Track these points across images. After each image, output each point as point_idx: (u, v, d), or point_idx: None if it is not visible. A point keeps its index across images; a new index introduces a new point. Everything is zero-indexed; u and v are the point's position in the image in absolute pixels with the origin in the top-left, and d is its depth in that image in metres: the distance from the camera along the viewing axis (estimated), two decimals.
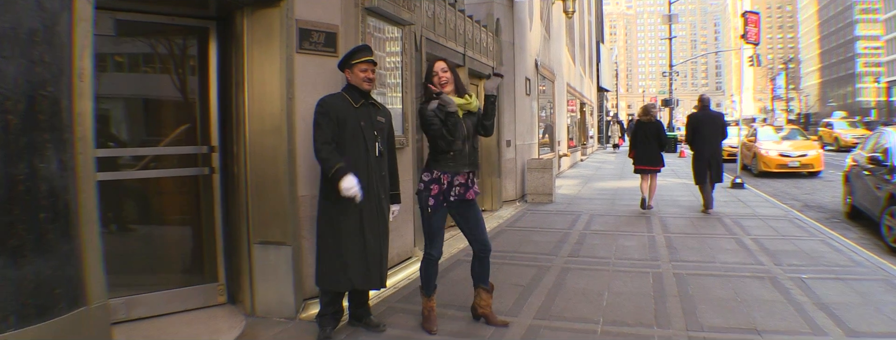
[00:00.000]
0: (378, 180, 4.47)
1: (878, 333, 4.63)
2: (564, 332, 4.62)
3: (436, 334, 4.57)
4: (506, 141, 11.73)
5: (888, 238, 8.54)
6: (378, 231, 4.49)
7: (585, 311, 5.10)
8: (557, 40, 19.01)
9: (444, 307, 5.27)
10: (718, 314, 5.02)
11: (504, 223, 9.70)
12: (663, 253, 7.42)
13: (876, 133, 11.24)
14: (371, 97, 4.57)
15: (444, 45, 8.37)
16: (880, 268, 6.68)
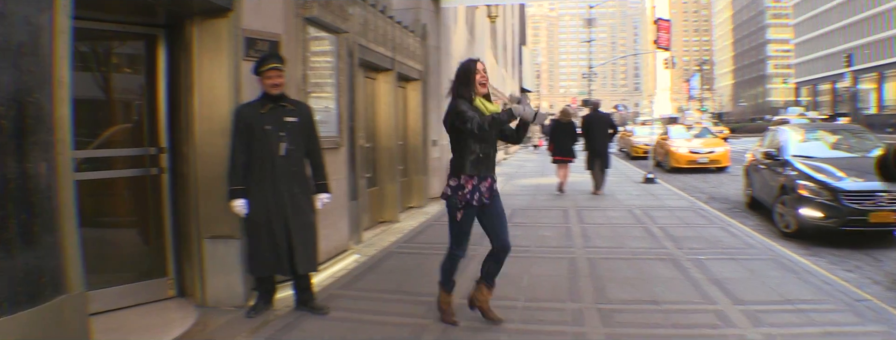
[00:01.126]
0: (287, 177, 4.98)
1: (760, 300, 5.40)
2: None
3: (459, 325, 4.79)
4: (432, 140, 12.27)
5: (780, 224, 9.55)
6: (290, 223, 4.98)
7: (508, 291, 5.71)
8: (481, 43, 19.68)
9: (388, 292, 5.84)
10: (624, 290, 5.71)
11: (431, 218, 10.26)
12: (578, 241, 8.12)
13: (771, 130, 12.30)
14: (284, 99, 5.03)
15: (375, 49, 8.85)
16: (770, 250, 7.55)
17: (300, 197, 5.06)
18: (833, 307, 5.26)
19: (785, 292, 5.69)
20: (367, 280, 6.33)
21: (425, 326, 4.82)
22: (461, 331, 4.73)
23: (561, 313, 5.13)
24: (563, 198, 12.85)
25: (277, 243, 4.96)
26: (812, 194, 8.82)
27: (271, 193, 4.92)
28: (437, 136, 12.54)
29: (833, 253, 8.05)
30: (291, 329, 4.82)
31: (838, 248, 8.24)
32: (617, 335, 4.58)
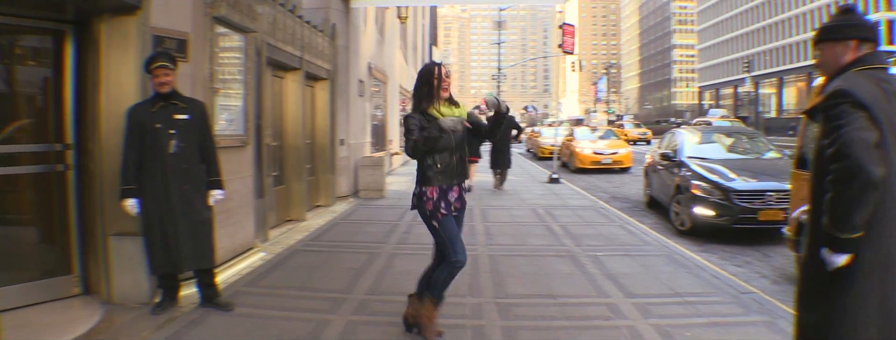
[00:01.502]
0: (177, 174, 5.02)
1: (652, 294, 5.80)
2: (391, 304, 5.41)
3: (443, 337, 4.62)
4: (339, 140, 12.37)
5: (675, 222, 10.15)
6: (178, 221, 5.03)
7: (410, 287, 5.81)
8: (391, 43, 19.81)
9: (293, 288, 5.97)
10: (523, 285, 6.01)
11: (338, 217, 10.37)
12: (482, 239, 8.40)
13: (669, 133, 12.97)
14: (176, 97, 5.06)
15: (283, 49, 8.90)
16: (665, 246, 8.02)
17: (191, 195, 5.11)
18: (720, 299, 5.71)
19: (675, 286, 6.09)
20: (273, 277, 6.42)
21: (329, 321, 4.97)
22: (363, 325, 4.89)
23: (461, 307, 5.37)
24: (470, 197, 13.11)
25: (169, 241, 5.02)
26: (705, 193, 9.38)
27: (162, 191, 4.97)
28: (346, 135, 12.65)
29: (724, 249, 8.61)
30: (196, 325, 4.88)
31: (730, 245, 8.81)
32: (513, 327, 4.84)
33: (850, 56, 2.77)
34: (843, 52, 2.78)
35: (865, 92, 2.55)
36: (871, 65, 2.73)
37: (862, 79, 2.64)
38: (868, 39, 2.78)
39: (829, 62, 2.84)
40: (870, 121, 2.48)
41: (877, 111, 2.51)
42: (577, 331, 4.65)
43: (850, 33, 2.78)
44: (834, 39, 2.81)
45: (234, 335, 4.68)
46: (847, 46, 2.77)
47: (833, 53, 2.81)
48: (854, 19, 2.83)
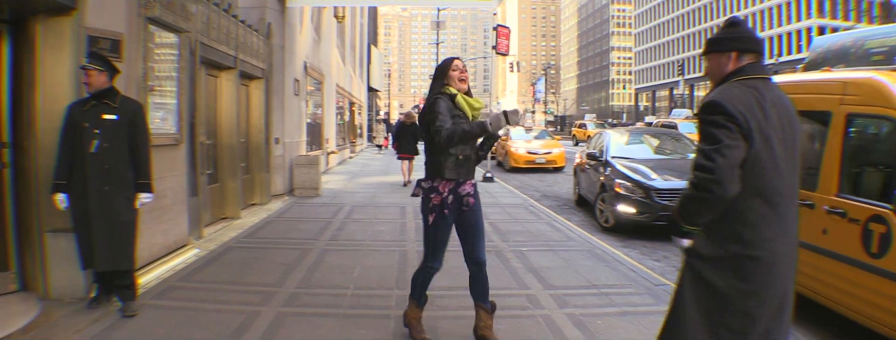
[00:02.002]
0: (98, 174, 5.04)
1: (570, 286, 6.17)
2: (321, 296, 5.65)
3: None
4: (275, 138, 12.48)
5: (600, 219, 10.62)
6: (98, 220, 5.06)
7: (339, 280, 6.17)
8: (327, 42, 19.90)
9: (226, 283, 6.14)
10: (448, 278, 6.26)
11: (273, 214, 10.51)
12: (412, 235, 8.67)
13: (597, 134, 13.46)
14: (108, 97, 5.09)
15: (217, 48, 9.01)
16: (588, 242, 8.42)
17: (112, 196, 5.08)
18: (634, 290, 6.11)
19: (593, 278, 6.47)
20: (206, 272, 6.56)
21: (259, 313, 5.17)
22: (291, 317, 5.10)
23: (387, 298, 5.64)
24: (404, 195, 13.40)
25: (89, 239, 5.07)
26: (627, 192, 9.82)
27: (82, 190, 5.03)
28: (281, 134, 12.76)
29: (645, 244, 9.06)
30: (131, 318, 5.02)
31: (650, 241, 9.26)
32: (435, 317, 5.12)
33: (731, 66, 3.03)
34: (726, 63, 3.04)
35: (737, 102, 2.81)
36: (751, 76, 2.98)
37: (736, 90, 2.89)
38: (749, 51, 3.03)
39: (715, 71, 3.11)
40: (738, 131, 2.75)
41: (746, 120, 2.77)
42: (496, 320, 4.93)
43: (731, 45, 3.04)
44: (718, 51, 3.08)
45: (167, 327, 4.84)
46: (729, 57, 3.03)
47: (718, 64, 3.08)
48: (737, 32, 3.08)
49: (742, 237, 2.82)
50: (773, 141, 2.81)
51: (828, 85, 5.77)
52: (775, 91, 2.97)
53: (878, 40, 6.19)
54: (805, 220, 5.43)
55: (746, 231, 2.81)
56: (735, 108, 2.76)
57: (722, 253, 2.84)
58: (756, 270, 2.81)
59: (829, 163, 5.37)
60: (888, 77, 5.13)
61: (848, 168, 5.30)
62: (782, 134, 2.86)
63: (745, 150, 2.75)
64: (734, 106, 2.78)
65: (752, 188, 2.79)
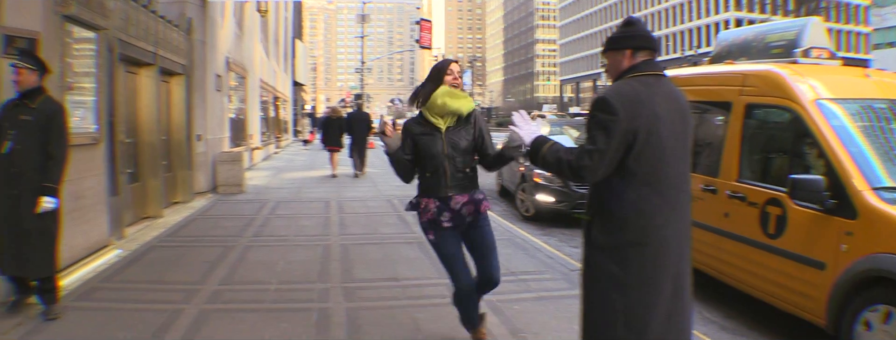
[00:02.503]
0: (6, 177, 4.87)
1: None
2: (244, 292, 5.73)
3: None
4: (197, 135, 12.36)
5: (521, 209, 10.96)
6: (4, 225, 4.90)
7: (263, 276, 6.25)
8: (250, 37, 19.71)
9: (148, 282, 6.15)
10: (370, 270, 6.46)
11: (196, 212, 10.45)
12: (335, 229, 8.80)
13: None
14: (29, 97, 4.95)
15: (136, 45, 8.90)
16: (508, 231, 8.73)
17: (19, 201, 4.87)
18: (551, 276, 6.40)
19: (512, 266, 6.70)
20: (128, 272, 6.54)
21: (182, 311, 5.21)
22: (214, 313, 5.18)
23: (310, 292, 5.75)
24: (329, 190, 13.49)
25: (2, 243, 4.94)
26: (546, 181, 10.14)
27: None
28: (203, 131, 12.65)
29: (564, 232, 9.39)
30: (52, 321, 4.98)
31: (569, 229, 9.59)
32: (357, 308, 5.27)
33: (626, 63, 3.19)
34: (621, 60, 3.20)
35: (625, 99, 2.98)
36: (645, 72, 3.15)
37: (628, 87, 3.07)
38: (643, 48, 3.18)
39: (612, 68, 3.28)
40: (620, 129, 2.91)
41: (631, 115, 2.93)
42: (415, 309, 5.12)
43: (626, 43, 3.19)
44: (614, 49, 3.24)
45: (90, 328, 4.85)
46: (624, 55, 3.18)
47: (614, 61, 3.24)
48: (632, 31, 3.24)
49: (634, 225, 3.00)
50: (663, 133, 2.99)
51: (729, 77, 6.16)
52: (668, 86, 3.16)
53: (777, 35, 6.60)
54: (708, 204, 5.83)
55: (638, 219, 2.99)
56: (621, 105, 2.93)
57: (616, 241, 3.02)
58: (648, 256, 3.00)
59: (730, 151, 5.75)
60: (785, 69, 5.52)
61: (747, 155, 5.68)
62: (672, 126, 3.04)
63: (626, 147, 2.92)
64: (621, 102, 2.94)
65: (643, 178, 2.97)
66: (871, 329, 4.10)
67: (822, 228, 4.59)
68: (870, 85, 5.56)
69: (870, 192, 4.35)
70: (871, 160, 4.68)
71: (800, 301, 4.80)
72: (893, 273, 3.95)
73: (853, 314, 4.23)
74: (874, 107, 5.27)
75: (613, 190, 3.02)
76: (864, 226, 4.28)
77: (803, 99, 5.07)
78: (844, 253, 4.36)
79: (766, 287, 5.20)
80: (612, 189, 3.02)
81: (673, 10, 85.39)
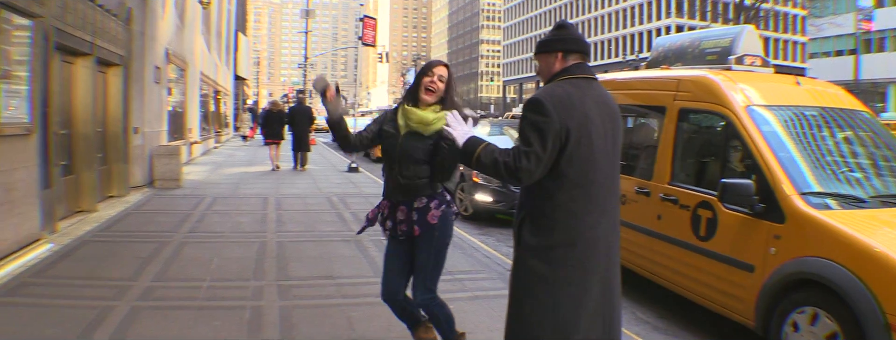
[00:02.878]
0: None
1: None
2: (176, 289, 5.68)
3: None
4: (134, 128, 12.15)
5: (459, 208, 10.87)
6: None
7: (196, 273, 6.20)
8: (192, 29, 19.41)
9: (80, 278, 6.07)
10: (305, 268, 6.47)
11: (131, 207, 10.28)
12: (272, 226, 8.77)
13: None
14: None
15: (74, 34, 8.72)
16: None
17: None
18: (486, 276, 6.49)
19: (449, 265, 6.63)
20: (60, 267, 6.42)
21: (113, 307, 5.14)
22: (146, 311, 5.13)
23: (243, 290, 5.73)
24: (267, 185, 13.40)
25: None
26: (485, 181, 10.25)
27: None
28: (140, 123, 12.43)
29: (502, 232, 9.51)
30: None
31: (507, 228, 9.70)
32: (290, 306, 5.28)
33: (558, 66, 3.26)
34: (553, 62, 3.26)
35: (557, 101, 3.02)
36: (576, 75, 3.20)
37: (560, 89, 3.11)
38: (574, 51, 3.25)
39: (544, 71, 3.34)
40: (553, 131, 2.95)
41: (563, 118, 2.98)
42: (351, 307, 5.16)
43: (558, 46, 3.26)
44: (546, 52, 3.30)
45: (18, 324, 4.76)
46: (556, 57, 3.25)
47: (546, 63, 3.30)
48: (563, 34, 3.30)
49: (564, 226, 3.06)
50: (593, 136, 3.05)
51: (664, 81, 6.34)
52: (598, 89, 3.23)
53: (712, 41, 6.83)
54: (642, 207, 6.00)
55: (568, 220, 3.05)
56: (554, 107, 2.97)
57: (546, 242, 3.08)
58: (578, 257, 3.06)
59: (663, 154, 5.92)
60: (719, 75, 5.71)
61: (680, 158, 5.86)
62: (603, 129, 3.10)
63: (558, 148, 2.97)
64: (554, 104, 2.98)
65: (573, 179, 3.03)
66: (799, 330, 4.27)
67: (751, 231, 4.78)
68: (801, 92, 5.80)
69: (798, 197, 4.53)
70: (800, 165, 4.88)
71: (729, 302, 4.98)
72: (820, 276, 4.12)
73: (781, 315, 4.40)
74: (805, 114, 5.51)
75: (544, 192, 3.06)
76: (792, 230, 4.46)
77: (735, 105, 5.26)
78: (773, 256, 4.54)
79: (697, 289, 5.37)
80: (542, 190, 3.07)
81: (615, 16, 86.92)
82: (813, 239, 4.31)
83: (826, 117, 5.60)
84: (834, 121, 5.62)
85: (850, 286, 3.90)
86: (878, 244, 3.96)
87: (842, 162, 5.22)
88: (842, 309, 3.96)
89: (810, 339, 4.19)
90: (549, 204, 3.07)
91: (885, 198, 4.90)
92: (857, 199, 4.74)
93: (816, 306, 4.16)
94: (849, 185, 4.95)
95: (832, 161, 5.17)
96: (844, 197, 4.71)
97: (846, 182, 4.98)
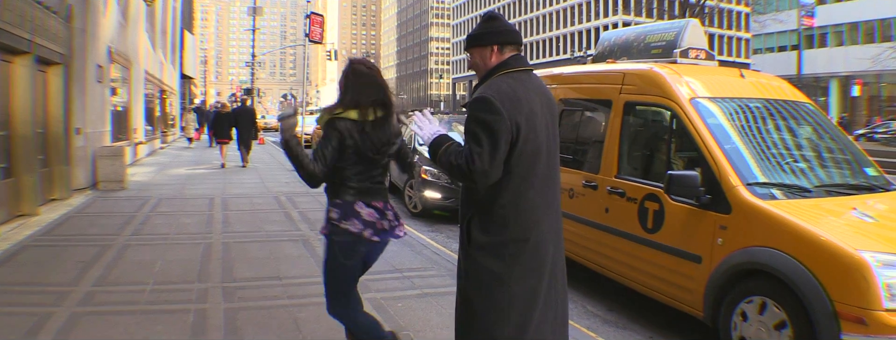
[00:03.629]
0: None
1: (373, 271, 5.98)
2: (118, 294, 5.55)
3: None
4: (76, 128, 11.89)
5: (408, 205, 11.06)
6: None
7: (139, 277, 6.07)
8: (135, 26, 19.07)
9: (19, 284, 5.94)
10: (251, 269, 6.39)
11: (73, 210, 10.04)
12: (218, 227, 8.66)
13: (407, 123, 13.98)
14: None
15: (11, 31, 8.50)
16: None
17: None
18: (436, 273, 6.49)
19: (397, 263, 6.77)
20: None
21: (52, 314, 5.01)
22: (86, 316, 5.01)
23: (188, 293, 5.62)
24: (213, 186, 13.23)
25: None
26: (434, 178, 10.27)
27: None
28: (82, 124, 12.15)
29: (451, 228, 9.53)
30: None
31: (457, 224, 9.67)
32: (235, 308, 5.20)
33: (494, 59, 3.21)
34: (489, 56, 3.22)
35: (505, 97, 2.99)
36: (515, 69, 3.17)
37: (504, 85, 3.07)
38: (509, 43, 3.22)
39: (480, 65, 3.28)
40: (503, 129, 2.92)
41: (512, 115, 2.96)
42: (297, 309, 5.10)
43: (492, 39, 3.21)
44: (480, 45, 3.24)
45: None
46: (491, 51, 3.20)
47: (481, 57, 3.25)
48: (496, 26, 3.26)
49: (514, 222, 3.05)
50: (538, 129, 3.05)
51: (610, 75, 6.42)
52: (537, 81, 3.23)
53: (657, 35, 6.94)
54: (589, 200, 6.07)
55: (518, 216, 3.04)
56: (503, 104, 2.94)
57: (499, 238, 3.06)
58: (529, 252, 3.06)
59: (610, 148, 6.00)
60: (664, 68, 5.79)
61: (626, 152, 5.94)
62: (545, 121, 3.11)
63: (508, 145, 2.95)
64: (502, 102, 2.95)
65: (520, 175, 3.02)
66: (747, 319, 4.37)
67: (698, 223, 4.87)
68: (745, 84, 5.92)
69: (743, 188, 4.63)
70: (745, 157, 5.00)
71: (678, 293, 5.07)
72: (767, 265, 4.22)
73: (730, 305, 4.50)
74: (749, 106, 5.64)
75: (491, 188, 3.03)
76: (738, 221, 4.56)
77: (681, 97, 5.35)
78: (720, 246, 4.64)
79: (646, 281, 5.46)
80: (489, 187, 3.03)
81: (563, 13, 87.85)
82: (759, 229, 4.41)
83: (770, 109, 5.73)
84: (778, 112, 5.75)
85: (797, 275, 3.99)
86: (823, 232, 4.07)
87: (786, 153, 5.36)
88: (789, 298, 4.06)
89: (759, 328, 4.28)
90: (498, 200, 3.04)
91: (829, 188, 5.04)
92: (801, 189, 4.88)
93: (764, 295, 4.26)
94: (793, 176, 5.08)
95: (777, 152, 5.30)
96: (789, 187, 4.84)
97: (791, 172, 5.11)
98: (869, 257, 3.77)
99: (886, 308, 3.65)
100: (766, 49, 55.49)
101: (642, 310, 5.84)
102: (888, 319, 3.63)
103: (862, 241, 3.97)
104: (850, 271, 3.78)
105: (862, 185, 5.27)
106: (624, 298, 6.11)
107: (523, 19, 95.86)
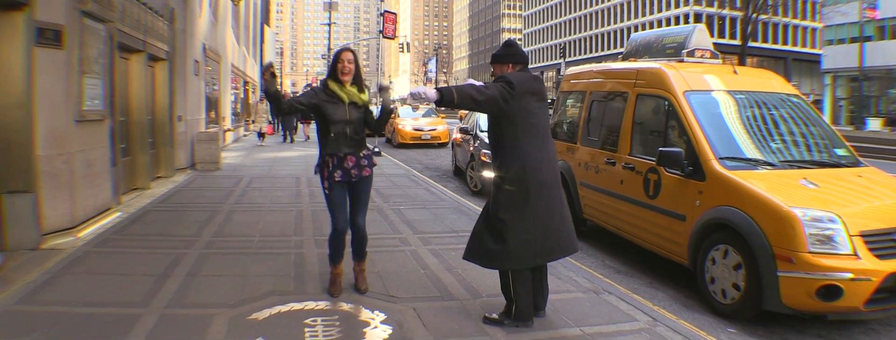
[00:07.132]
0: None
1: (434, 231, 7.85)
2: (233, 242, 7.07)
3: (337, 297, 5.26)
4: (178, 116, 13.52)
5: (470, 184, 12.40)
6: None
7: (247, 231, 7.59)
8: (224, 24, 20.74)
9: (152, 235, 7.39)
10: None
11: (179, 185, 11.67)
12: (306, 199, 10.13)
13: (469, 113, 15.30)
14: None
15: (131, 34, 10.06)
16: (457, 202, 10.11)
17: None
18: None
19: (454, 226, 8.12)
20: (133, 228, 7.81)
21: (185, 254, 6.50)
22: (212, 256, 6.47)
23: (288, 243, 7.11)
24: (298, 168, 14.78)
25: None
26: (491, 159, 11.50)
27: None
28: (183, 112, 13.80)
29: None
30: (82, 260, 6.23)
31: None
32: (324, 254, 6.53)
33: (508, 72, 4.76)
34: (505, 70, 4.78)
35: (515, 76, 4.54)
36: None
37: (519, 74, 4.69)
38: (519, 62, 4.79)
39: (499, 75, 4.79)
40: (511, 90, 4.41)
41: (520, 85, 4.47)
42: (374, 255, 6.46)
43: (509, 59, 4.81)
44: (500, 63, 4.83)
45: (114, 264, 6.12)
46: (507, 67, 4.79)
47: (500, 70, 4.81)
48: (512, 51, 4.85)
49: (523, 160, 4.49)
50: (536, 99, 4.58)
51: (627, 72, 7.72)
52: (531, 74, 4.77)
53: (671, 37, 8.18)
54: (610, 175, 7.43)
55: (526, 155, 4.50)
56: (514, 79, 4.51)
57: (512, 173, 4.52)
58: (533, 180, 4.49)
59: (625, 131, 7.33)
60: (669, 67, 7.01)
61: (636, 134, 7.20)
62: (539, 96, 4.62)
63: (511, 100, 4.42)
64: (513, 78, 4.53)
65: (527, 128, 4.51)
66: (715, 263, 5.59)
67: (683, 189, 6.13)
68: (736, 79, 7.10)
69: (715, 161, 5.87)
70: (721, 137, 6.21)
71: (671, 246, 6.33)
72: (729, 220, 5.44)
73: (704, 253, 5.75)
74: (735, 97, 6.80)
75: (506, 139, 4.56)
76: (711, 186, 5.81)
77: (676, 90, 6.61)
78: (697, 207, 5.89)
79: (649, 238, 6.74)
80: (504, 139, 4.56)
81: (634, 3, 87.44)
82: (724, 193, 5.64)
83: (755, 99, 6.86)
84: (762, 102, 6.88)
85: (747, 226, 5.21)
86: (766, 193, 5.27)
87: (762, 135, 6.49)
88: (743, 245, 5.26)
89: (723, 269, 5.49)
90: (511, 145, 4.55)
91: (793, 163, 6.17)
92: (767, 163, 6.03)
93: (727, 243, 5.48)
94: (761, 153, 6.21)
95: (753, 134, 6.46)
96: (756, 161, 6.02)
97: (761, 150, 6.25)
98: (799, 212, 4.95)
99: (811, 251, 4.82)
100: (838, 40, 54.24)
101: (648, 265, 7.13)
102: (811, 259, 4.80)
103: (797, 201, 5.15)
104: (784, 223, 4.97)
105: (827, 162, 6.43)
106: (636, 256, 7.44)
107: (591, 11, 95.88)
